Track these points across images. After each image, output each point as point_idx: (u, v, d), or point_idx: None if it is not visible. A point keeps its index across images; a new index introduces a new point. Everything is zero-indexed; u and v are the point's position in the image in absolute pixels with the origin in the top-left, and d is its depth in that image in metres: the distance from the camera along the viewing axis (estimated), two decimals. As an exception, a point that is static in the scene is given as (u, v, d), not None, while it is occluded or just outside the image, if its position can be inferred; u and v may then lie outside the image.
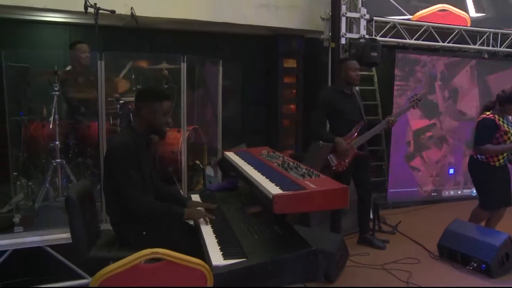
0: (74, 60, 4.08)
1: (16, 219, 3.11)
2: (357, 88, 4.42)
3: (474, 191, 4.69)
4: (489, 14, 5.83)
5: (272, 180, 2.15)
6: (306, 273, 1.90)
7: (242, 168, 2.55)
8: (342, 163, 3.76)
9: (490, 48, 5.82)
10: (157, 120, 2.52)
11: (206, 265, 1.70)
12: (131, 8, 4.48)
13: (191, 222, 2.53)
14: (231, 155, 2.97)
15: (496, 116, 3.76)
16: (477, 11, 5.77)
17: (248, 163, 2.63)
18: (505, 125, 3.76)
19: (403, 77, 5.46)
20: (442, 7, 5.55)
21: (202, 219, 2.40)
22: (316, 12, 5.30)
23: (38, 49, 4.39)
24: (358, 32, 5.09)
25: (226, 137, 4.62)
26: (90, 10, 3.70)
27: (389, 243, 4.22)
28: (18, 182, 3.57)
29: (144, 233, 2.41)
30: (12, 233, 3.04)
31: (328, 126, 4.11)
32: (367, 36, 5.03)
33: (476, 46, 5.76)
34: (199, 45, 5.30)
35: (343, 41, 4.96)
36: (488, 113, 3.82)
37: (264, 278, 1.85)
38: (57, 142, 3.51)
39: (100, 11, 3.77)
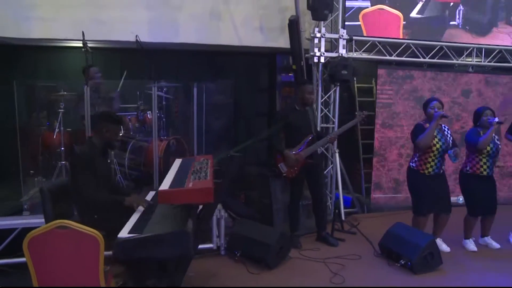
0: (90, 79, 5.12)
1: (25, 206, 4.14)
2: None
3: (461, 198, 5.22)
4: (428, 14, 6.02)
5: (173, 180, 2.93)
6: (178, 247, 2.65)
7: (170, 170, 3.35)
8: (292, 170, 4.42)
9: (474, 62, 6.14)
10: (113, 137, 3.41)
11: (99, 233, 2.51)
12: (136, 36, 5.47)
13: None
14: (177, 160, 3.77)
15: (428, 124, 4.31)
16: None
17: (178, 167, 3.43)
18: (434, 135, 4.28)
19: (385, 91, 5.96)
20: (381, 6, 5.85)
21: (136, 205, 3.22)
22: (305, 33, 5.96)
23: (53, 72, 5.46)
24: (337, 51, 5.69)
25: (220, 146, 5.45)
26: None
27: (344, 241, 4.81)
28: (36, 178, 4.63)
29: (95, 216, 3.28)
30: (21, 216, 4.07)
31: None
32: (345, 55, 5.63)
33: (460, 61, 6.11)
34: (205, 64, 6.15)
35: (322, 60, 5.59)
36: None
37: (147, 248, 2.63)
38: (63, 148, 4.53)
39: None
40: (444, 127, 4.50)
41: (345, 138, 6.29)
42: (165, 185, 2.82)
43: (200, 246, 4.28)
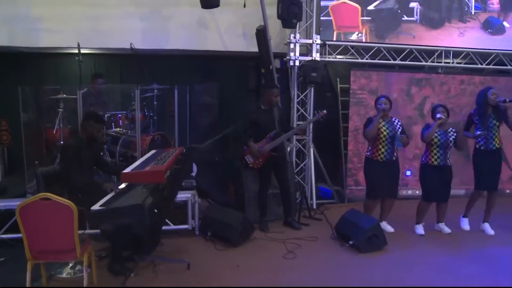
0: (94, 84, 6.00)
1: (28, 191, 5.00)
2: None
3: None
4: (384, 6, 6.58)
5: (138, 165, 3.71)
6: (135, 218, 3.42)
7: (141, 158, 4.14)
8: (257, 161, 5.16)
9: (443, 64, 6.73)
10: (95, 133, 4.23)
11: (73, 204, 3.29)
12: (131, 43, 6.29)
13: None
14: (152, 151, 4.53)
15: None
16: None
17: (149, 156, 4.21)
18: (381, 123, 5.01)
19: (359, 90, 6.60)
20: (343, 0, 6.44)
21: (110, 190, 4.02)
22: (284, 39, 6.65)
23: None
24: (311, 55, 6.38)
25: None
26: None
27: (308, 226, 5.51)
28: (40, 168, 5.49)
29: (79, 195, 4.09)
30: (25, 198, 4.92)
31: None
32: (318, 58, 6.31)
33: (429, 63, 6.71)
34: (194, 68, 6.90)
35: (297, 63, 6.30)
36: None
37: (112, 218, 3.43)
38: (62, 142, 5.38)
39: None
40: (394, 119, 5.16)
41: (329, 136, 7.00)
42: (129, 168, 3.61)
43: (178, 227, 5.13)
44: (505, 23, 6.78)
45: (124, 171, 3.54)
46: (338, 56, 6.59)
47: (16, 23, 6.11)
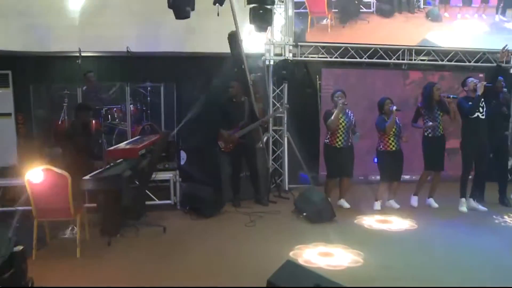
0: (88, 82, 7.22)
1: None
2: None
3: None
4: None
5: (121, 146, 4.87)
6: (115, 185, 4.58)
7: (126, 141, 5.30)
8: (227, 146, 6.29)
9: (406, 61, 7.70)
10: (86, 120, 5.42)
11: (68, 173, 4.46)
12: (127, 47, 7.47)
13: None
14: (137, 137, 5.70)
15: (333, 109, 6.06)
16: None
17: (133, 139, 5.37)
18: (341, 117, 6.05)
19: (328, 87, 7.62)
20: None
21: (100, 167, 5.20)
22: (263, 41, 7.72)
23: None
24: (285, 55, 7.45)
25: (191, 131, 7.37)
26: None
27: (275, 203, 6.59)
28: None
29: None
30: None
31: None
32: (290, 58, 7.37)
33: (394, 61, 7.69)
34: (183, 68, 8.04)
35: (272, 62, 7.38)
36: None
37: (99, 184, 4.59)
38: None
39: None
40: (348, 111, 6.18)
41: (308, 127, 8.02)
42: (113, 147, 4.78)
43: (161, 202, 6.28)
44: (446, 14, 7.74)
45: (109, 149, 4.70)
46: (311, 55, 7.62)
47: (30, 31, 7.37)
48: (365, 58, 7.64)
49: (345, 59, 7.66)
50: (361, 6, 7.54)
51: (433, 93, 6.07)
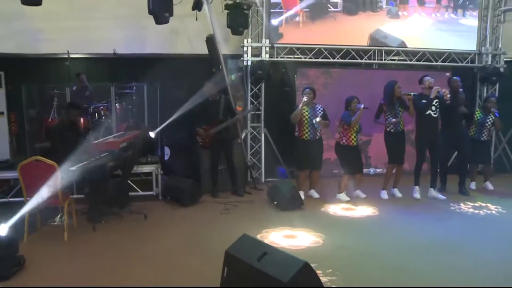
0: (79, 82, 7.80)
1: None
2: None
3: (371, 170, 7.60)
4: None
5: (104, 140, 5.46)
6: (98, 174, 5.17)
7: (110, 136, 5.89)
8: (205, 141, 6.90)
9: (377, 61, 8.31)
10: (73, 118, 5.99)
11: (56, 164, 5.03)
12: (114, 49, 8.06)
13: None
14: (120, 132, 6.28)
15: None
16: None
17: (115, 135, 5.95)
18: (304, 109, 6.59)
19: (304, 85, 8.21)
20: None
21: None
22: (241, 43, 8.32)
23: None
24: (261, 56, 8.05)
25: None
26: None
27: (251, 194, 7.18)
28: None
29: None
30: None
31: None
32: (267, 59, 7.97)
33: (365, 61, 8.30)
34: (167, 69, 8.62)
35: (249, 63, 7.97)
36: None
37: (83, 174, 5.17)
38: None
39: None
40: (318, 105, 6.78)
41: (287, 124, 8.59)
42: (98, 141, 5.37)
43: (144, 193, 6.86)
44: (405, 13, 8.41)
45: (94, 142, 5.29)
46: (286, 56, 8.22)
47: (22, 35, 7.94)
48: (337, 58, 8.25)
49: (319, 60, 8.27)
50: (329, 5, 8.22)
51: (394, 91, 6.66)
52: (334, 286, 4.08)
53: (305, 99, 6.63)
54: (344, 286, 4.09)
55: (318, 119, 6.61)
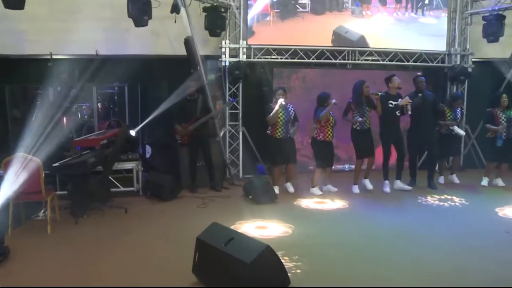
0: (61, 83, 8.12)
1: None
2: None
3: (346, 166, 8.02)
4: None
5: (85, 136, 5.80)
6: (79, 169, 5.51)
7: (91, 134, 6.23)
8: (184, 139, 7.26)
9: (351, 61, 8.74)
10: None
11: (39, 160, 5.37)
12: (96, 50, 8.37)
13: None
14: (103, 130, 6.62)
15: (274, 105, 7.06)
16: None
17: (97, 132, 6.29)
18: (280, 111, 7.03)
19: (280, 84, 8.62)
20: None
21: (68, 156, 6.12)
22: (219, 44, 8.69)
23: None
24: (239, 57, 8.43)
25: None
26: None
27: (228, 189, 7.57)
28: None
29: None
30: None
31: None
32: (243, 59, 8.35)
33: (340, 61, 8.72)
34: (148, 69, 8.97)
35: (227, 63, 8.35)
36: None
37: (65, 170, 5.52)
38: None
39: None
40: (289, 105, 7.18)
41: (264, 122, 8.96)
42: (78, 138, 5.71)
43: (125, 189, 7.20)
44: (369, 12, 8.86)
45: (75, 139, 5.63)
46: (263, 57, 8.62)
47: (5, 36, 8.21)
48: (313, 59, 8.65)
49: (295, 60, 8.67)
50: (297, 6, 8.65)
51: (362, 90, 7.08)
52: (299, 271, 4.46)
53: (282, 102, 6.99)
54: (308, 270, 4.47)
55: (292, 131, 7.07)
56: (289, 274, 4.08)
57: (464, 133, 8.32)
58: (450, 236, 5.46)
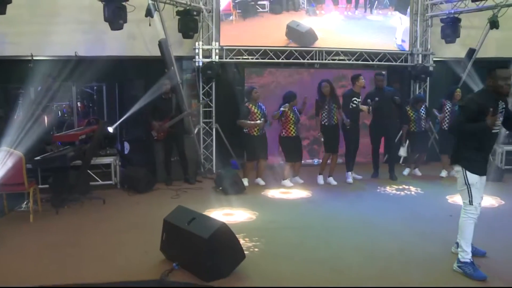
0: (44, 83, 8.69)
1: None
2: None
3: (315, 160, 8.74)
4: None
5: (66, 132, 6.40)
6: (59, 162, 6.11)
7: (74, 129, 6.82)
8: (159, 135, 7.88)
9: (319, 61, 9.43)
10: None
11: (21, 154, 5.95)
12: (75, 52, 8.95)
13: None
14: (81, 126, 7.21)
15: (250, 104, 7.65)
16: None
17: (77, 129, 6.88)
18: (254, 108, 7.61)
19: (251, 83, 9.27)
20: None
21: (50, 150, 6.71)
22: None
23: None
24: (211, 57, 9.07)
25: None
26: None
27: (201, 182, 8.21)
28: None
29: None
30: None
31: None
32: (216, 60, 9.00)
33: (307, 61, 9.41)
34: (125, 70, 9.56)
35: (201, 64, 8.99)
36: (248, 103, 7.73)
37: (46, 163, 6.12)
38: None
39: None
40: (261, 104, 7.85)
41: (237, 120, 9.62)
42: (58, 134, 6.30)
43: (104, 182, 7.79)
44: (322, 12, 9.57)
45: (55, 134, 6.23)
46: (235, 57, 9.27)
47: (-13, 38, 8.79)
48: (282, 59, 9.32)
49: (266, 60, 9.33)
50: (257, 6, 9.35)
51: (322, 88, 7.77)
52: (256, 249, 5.10)
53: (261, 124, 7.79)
54: (265, 249, 5.11)
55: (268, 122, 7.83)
56: (247, 252, 4.75)
57: (405, 155, 9.15)
58: (401, 221, 6.11)
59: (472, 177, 4.40)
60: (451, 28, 9.24)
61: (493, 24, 8.57)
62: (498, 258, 4.79)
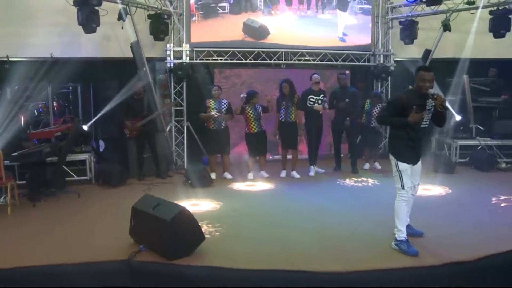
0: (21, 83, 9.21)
1: None
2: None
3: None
4: None
5: (42, 130, 6.98)
6: (36, 157, 6.69)
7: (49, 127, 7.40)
8: (132, 133, 8.50)
9: (285, 61, 10.13)
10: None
11: (0, 151, 6.52)
12: (51, 53, 9.48)
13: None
14: (58, 124, 7.78)
15: (209, 100, 8.38)
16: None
17: (53, 127, 7.46)
18: (211, 104, 8.36)
19: (221, 83, 9.93)
20: None
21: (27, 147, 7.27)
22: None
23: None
24: (182, 58, 9.71)
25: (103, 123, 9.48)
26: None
27: (172, 177, 8.85)
28: None
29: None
30: None
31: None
32: (187, 61, 9.63)
33: (274, 61, 10.10)
34: (99, 71, 10.12)
35: (172, 65, 9.61)
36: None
37: (23, 158, 6.69)
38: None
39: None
40: (223, 100, 8.57)
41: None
42: (35, 131, 6.88)
43: (79, 178, 8.37)
44: (277, 12, 10.25)
45: (32, 132, 6.81)
46: (205, 58, 9.91)
47: (-36, 41, 9.28)
48: (250, 60, 9.99)
49: (234, 61, 10.00)
50: (218, 8, 10.02)
51: (282, 88, 8.47)
52: (217, 233, 5.75)
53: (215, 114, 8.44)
54: (225, 233, 5.76)
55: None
56: (208, 236, 5.42)
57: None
58: (355, 210, 6.77)
59: (402, 165, 5.13)
60: (409, 30, 10.02)
61: (446, 27, 9.36)
62: (435, 238, 5.47)
